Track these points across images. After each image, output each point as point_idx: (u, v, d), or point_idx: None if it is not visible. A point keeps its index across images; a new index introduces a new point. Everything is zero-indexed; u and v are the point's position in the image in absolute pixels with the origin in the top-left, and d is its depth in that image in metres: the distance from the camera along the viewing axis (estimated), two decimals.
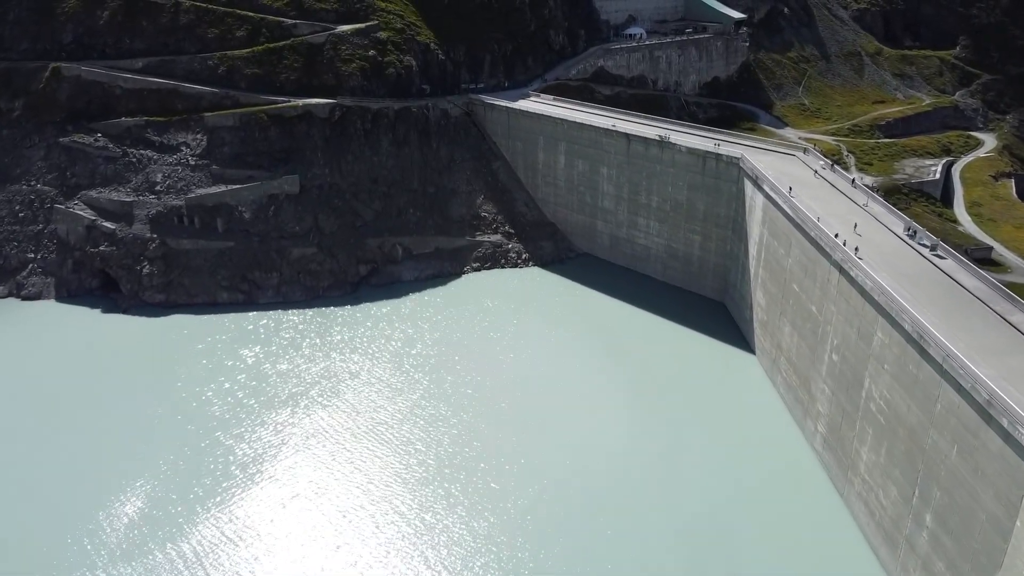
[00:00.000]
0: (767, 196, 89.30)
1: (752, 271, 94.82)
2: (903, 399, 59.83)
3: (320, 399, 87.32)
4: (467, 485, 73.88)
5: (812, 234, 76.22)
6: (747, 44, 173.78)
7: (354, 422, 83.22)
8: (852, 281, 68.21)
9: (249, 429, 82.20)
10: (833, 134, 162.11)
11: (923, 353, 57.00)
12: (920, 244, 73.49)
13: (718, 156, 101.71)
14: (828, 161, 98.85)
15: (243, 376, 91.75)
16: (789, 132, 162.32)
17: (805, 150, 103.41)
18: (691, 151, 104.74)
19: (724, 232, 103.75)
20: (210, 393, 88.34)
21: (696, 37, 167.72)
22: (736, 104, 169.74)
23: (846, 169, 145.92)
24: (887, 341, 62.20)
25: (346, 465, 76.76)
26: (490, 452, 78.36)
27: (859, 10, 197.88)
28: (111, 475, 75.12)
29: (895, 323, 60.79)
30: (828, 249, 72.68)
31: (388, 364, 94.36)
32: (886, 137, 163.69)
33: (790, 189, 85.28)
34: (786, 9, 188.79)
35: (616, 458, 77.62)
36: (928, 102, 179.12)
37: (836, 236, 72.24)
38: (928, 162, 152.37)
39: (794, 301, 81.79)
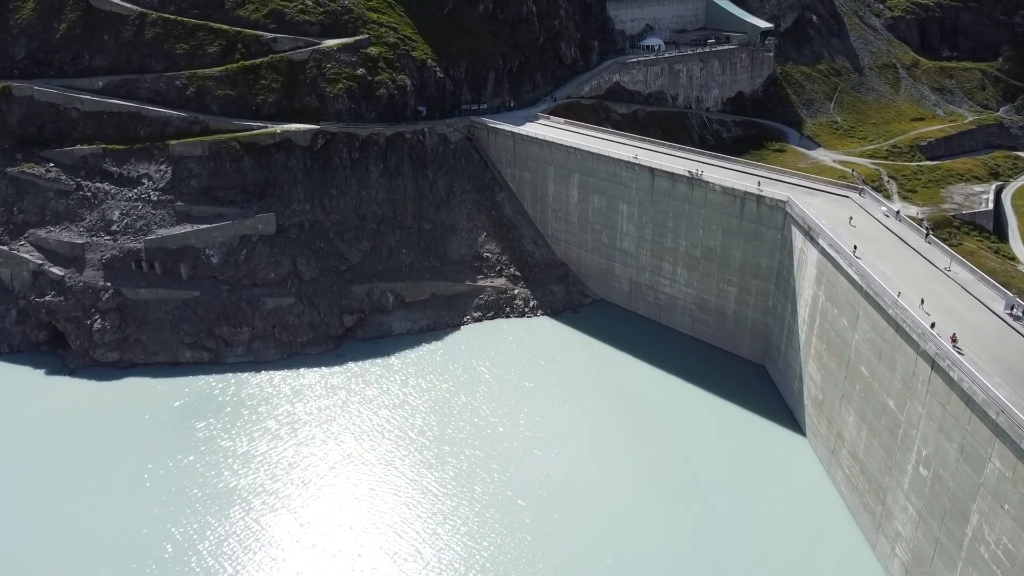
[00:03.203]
0: (823, 252, 74.84)
1: (802, 337, 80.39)
2: None
3: (284, 495, 72.77)
4: None
5: (890, 312, 61.78)
6: (771, 55, 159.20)
7: (324, 532, 68.77)
8: (951, 383, 53.82)
9: (192, 535, 67.84)
10: (871, 156, 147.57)
11: None
12: None
13: (759, 198, 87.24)
14: (891, 207, 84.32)
15: (195, 458, 77.48)
16: (822, 154, 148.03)
17: (861, 191, 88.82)
18: (726, 190, 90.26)
19: (766, 286, 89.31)
20: (154, 481, 74.16)
21: (719, 48, 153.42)
22: (763, 122, 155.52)
23: (888, 198, 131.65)
24: (1010, 475, 47.82)
25: None
26: (501, 562, 64.20)
27: (893, 18, 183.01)
28: None
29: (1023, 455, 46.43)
30: (915, 336, 58.24)
31: (372, 444, 79.99)
32: (927, 159, 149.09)
33: (855, 248, 70.70)
34: (815, 17, 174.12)
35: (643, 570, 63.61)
36: (971, 119, 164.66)
37: (933, 327, 57.46)
38: (978, 188, 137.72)
39: (862, 387, 67.33)
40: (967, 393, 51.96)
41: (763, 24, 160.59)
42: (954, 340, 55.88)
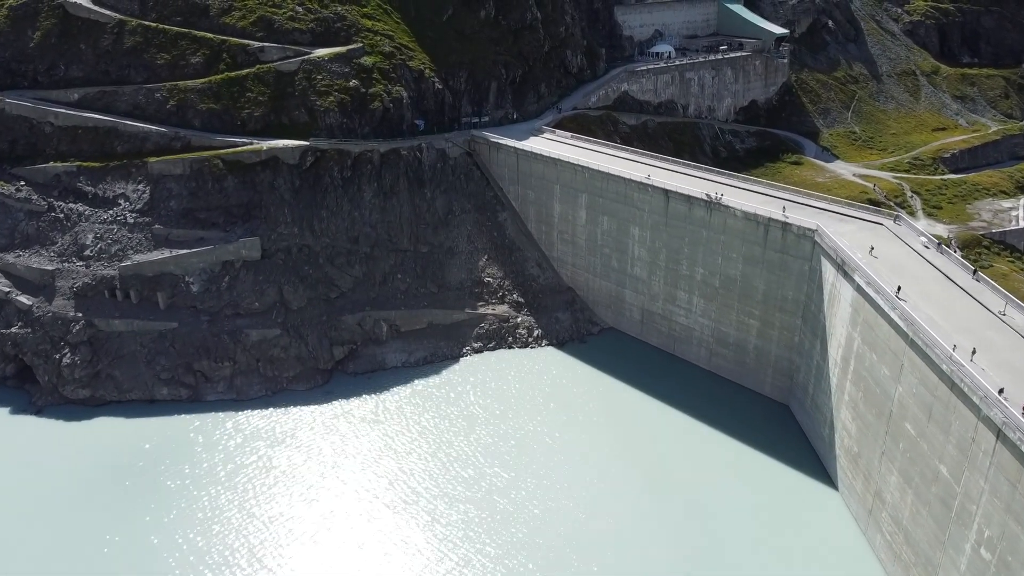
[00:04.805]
0: (860, 290, 67.74)
1: (833, 380, 73.25)
2: None
3: (264, 555, 65.61)
4: None
5: (944, 368, 54.63)
6: (786, 62, 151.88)
7: None
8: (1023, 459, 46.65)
9: None
10: (891, 169, 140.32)
11: None
12: None
13: (785, 225, 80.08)
14: (932, 238, 77.12)
15: (167, 511, 70.41)
16: (840, 166, 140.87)
17: (895, 218, 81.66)
18: (748, 216, 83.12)
19: (791, 320, 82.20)
20: (122, 538, 67.23)
21: (732, 55, 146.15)
22: (777, 132, 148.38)
23: (912, 215, 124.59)
24: None
25: None
26: None
27: (911, 23, 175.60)
28: None
29: None
30: (977, 400, 51.08)
31: (361, 497, 72.82)
32: (951, 171, 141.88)
33: (899, 289, 63.53)
34: (831, 22, 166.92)
35: None
36: (995, 129, 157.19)
37: (1001, 392, 50.27)
38: (1006, 204, 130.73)
39: (907, 446, 60.21)
40: None
41: (777, 30, 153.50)
42: None
